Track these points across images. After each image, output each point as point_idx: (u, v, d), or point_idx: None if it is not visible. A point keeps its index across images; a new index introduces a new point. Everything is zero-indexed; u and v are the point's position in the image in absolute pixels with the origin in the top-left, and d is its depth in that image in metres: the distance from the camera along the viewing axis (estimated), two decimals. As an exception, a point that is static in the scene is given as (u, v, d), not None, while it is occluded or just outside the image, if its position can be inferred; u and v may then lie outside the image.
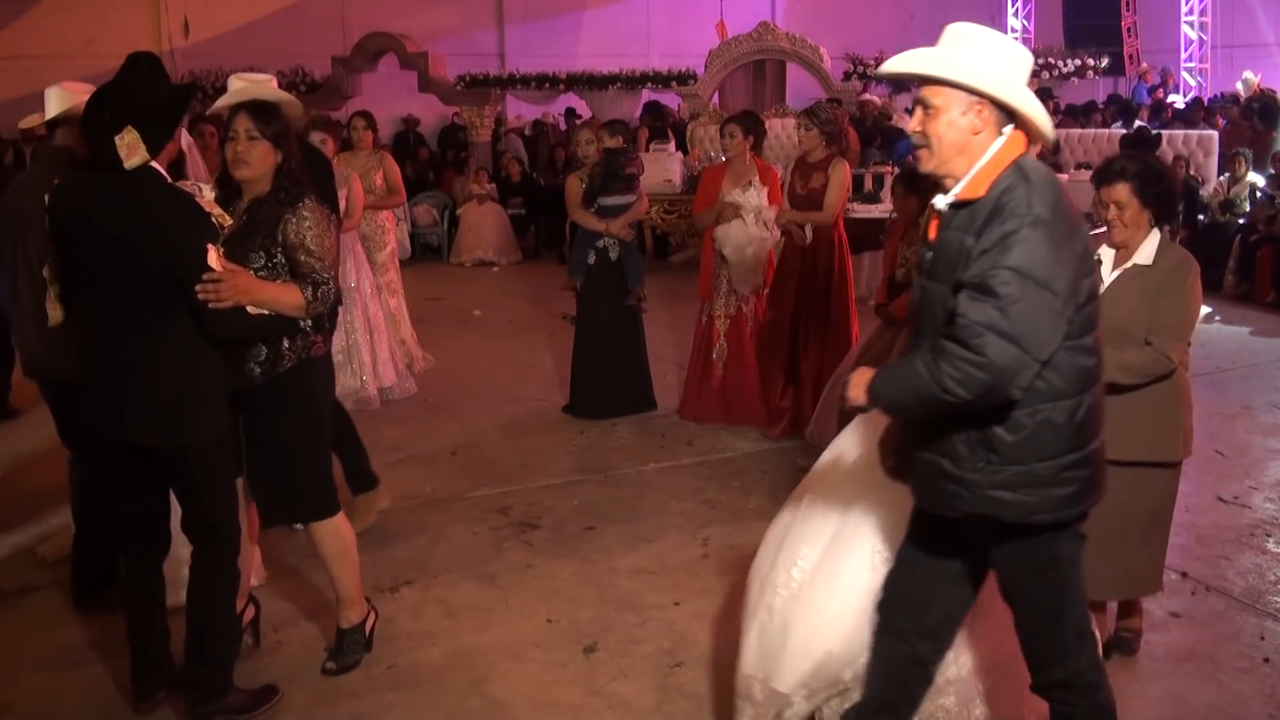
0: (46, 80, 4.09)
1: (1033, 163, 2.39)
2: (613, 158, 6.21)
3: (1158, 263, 3.27)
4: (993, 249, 2.25)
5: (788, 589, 2.99)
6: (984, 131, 2.37)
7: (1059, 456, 2.37)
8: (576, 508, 5.10)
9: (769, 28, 13.41)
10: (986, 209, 2.32)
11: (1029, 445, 2.36)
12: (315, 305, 3.22)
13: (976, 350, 2.23)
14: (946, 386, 2.26)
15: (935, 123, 2.39)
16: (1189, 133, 11.49)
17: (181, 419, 3.10)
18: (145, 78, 3.09)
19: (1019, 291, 2.21)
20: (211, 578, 3.24)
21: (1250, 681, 3.49)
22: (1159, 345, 3.20)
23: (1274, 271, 9.35)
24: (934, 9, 17.16)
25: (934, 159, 2.42)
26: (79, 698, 3.54)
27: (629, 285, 6.34)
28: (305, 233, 3.23)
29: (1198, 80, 16.13)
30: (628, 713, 3.41)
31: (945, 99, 2.37)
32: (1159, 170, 3.32)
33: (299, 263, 3.23)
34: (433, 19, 16.18)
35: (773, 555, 3.10)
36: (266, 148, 3.26)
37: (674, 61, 15.54)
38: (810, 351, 5.90)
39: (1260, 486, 5.20)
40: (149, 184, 3.06)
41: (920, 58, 2.40)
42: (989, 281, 2.23)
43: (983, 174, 2.36)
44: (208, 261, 2.99)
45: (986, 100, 2.34)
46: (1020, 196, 2.28)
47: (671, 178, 11.35)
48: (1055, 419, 2.36)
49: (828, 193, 5.74)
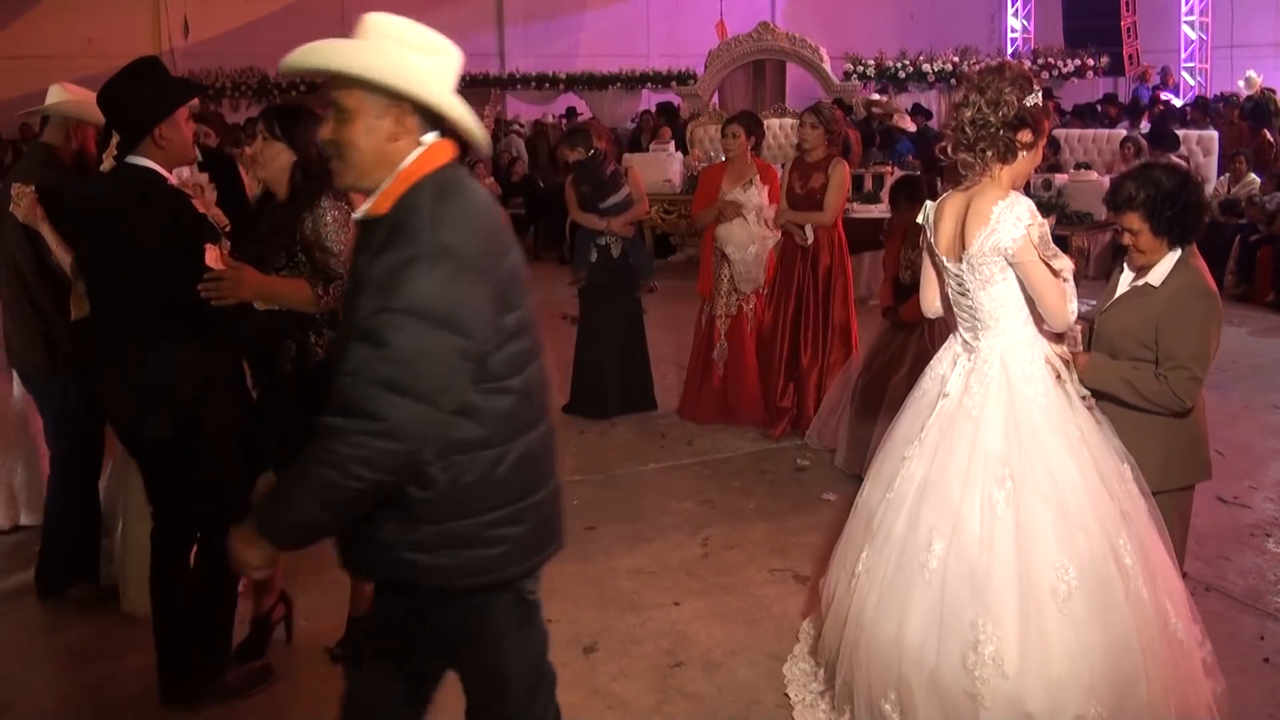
0: (46, 80, 4.12)
1: (455, 178, 2.06)
2: (586, 170, 6.19)
3: (1165, 285, 3.09)
4: (383, 282, 1.92)
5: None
6: (403, 139, 2.05)
7: (483, 514, 2.06)
8: (576, 508, 5.09)
9: (769, 28, 13.42)
10: (385, 230, 1.99)
11: (445, 502, 2.03)
12: (327, 300, 3.20)
13: (373, 415, 1.89)
14: (354, 473, 1.90)
15: (349, 129, 2.04)
16: (1189, 133, 11.49)
17: (180, 413, 3.17)
18: (120, 82, 3.14)
19: (412, 336, 1.89)
20: (207, 563, 3.31)
21: (1250, 681, 3.49)
22: (1172, 382, 3.02)
23: (1274, 271, 9.35)
24: (934, 9, 17.21)
25: (351, 172, 2.08)
26: (79, 698, 3.55)
27: (640, 278, 6.37)
28: (321, 229, 3.26)
29: (1197, 80, 16.13)
30: (628, 713, 3.41)
31: (359, 101, 2.04)
32: (1171, 192, 3.04)
33: (314, 259, 3.27)
34: (433, 19, 15.82)
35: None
36: (279, 148, 3.32)
37: (674, 61, 15.55)
38: (810, 351, 5.90)
39: (1260, 486, 5.20)
40: (146, 185, 3.12)
41: (330, 51, 2.06)
42: (377, 328, 1.90)
43: (391, 188, 2.03)
44: (205, 260, 3.04)
45: (407, 102, 2.03)
46: (423, 218, 1.95)
47: (671, 178, 11.36)
48: (475, 472, 2.03)
49: (828, 193, 5.74)
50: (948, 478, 2.95)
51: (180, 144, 3.21)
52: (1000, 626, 2.79)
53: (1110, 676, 2.79)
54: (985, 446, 2.93)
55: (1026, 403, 2.95)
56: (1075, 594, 2.79)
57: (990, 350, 3.02)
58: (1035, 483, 2.88)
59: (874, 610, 3.00)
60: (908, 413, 3.22)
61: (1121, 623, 2.82)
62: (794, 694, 3.41)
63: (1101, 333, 3.23)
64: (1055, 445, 2.92)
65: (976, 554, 2.86)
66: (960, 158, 2.98)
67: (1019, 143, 2.92)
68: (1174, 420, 3.13)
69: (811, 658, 3.52)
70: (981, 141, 2.92)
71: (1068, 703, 2.76)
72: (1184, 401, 3.06)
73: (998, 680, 2.77)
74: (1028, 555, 2.83)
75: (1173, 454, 3.17)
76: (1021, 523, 2.85)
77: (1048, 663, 2.77)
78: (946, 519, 2.92)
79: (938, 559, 2.90)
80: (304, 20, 15.86)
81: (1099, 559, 2.83)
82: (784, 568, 4.38)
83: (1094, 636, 2.79)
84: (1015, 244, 2.87)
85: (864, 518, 3.19)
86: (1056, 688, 2.76)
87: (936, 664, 2.86)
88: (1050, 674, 2.77)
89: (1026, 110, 2.91)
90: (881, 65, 14.30)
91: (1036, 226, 2.87)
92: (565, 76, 15.53)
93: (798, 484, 5.38)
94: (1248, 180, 10.36)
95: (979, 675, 2.78)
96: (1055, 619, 2.79)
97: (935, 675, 2.86)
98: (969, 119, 2.93)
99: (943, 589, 2.88)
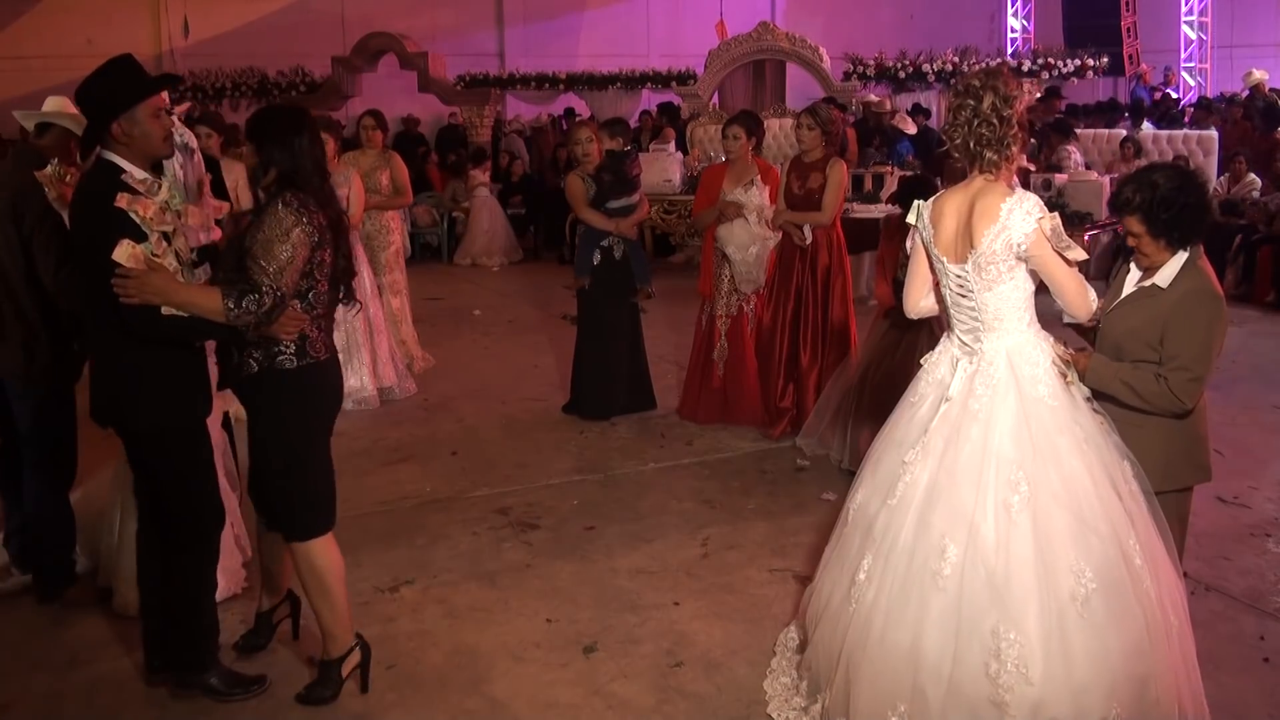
0: (46, 80, 4.14)
1: None
2: (617, 161, 6.21)
3: (1172, 287, 3.07)
4: None
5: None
6: None
7: None
8: (576, 508, 5.10)
9: (769, 28, 13.42)
10: None
11: None
12: (237, 314, 3.06)
13: None
14: None
15: None
16: (1189, 133, 11.49)
17: (125, 405, 3.24)
18: (86, 80, 3.21)
19: None
20: (176, 558, 3.37)
21: (1250, 681, 3.49)
22: (1173, 383, 3.01)
23: (1274, 271, 9.36)
24: (934, 9, 17.21)
25: None
26: (79, 698, 3.54)
27: (637, 284, 6.36)
28: (256, 236, 3.15)
29: (1197, 80, 16.13)
30: (628, 713, 3.41)
31: None
32: (1168, 194, 3.03)
33: (245, 267, 3.15)
34: (433, 19, 16.19)
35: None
36: (247, 151, 3.35)
37: (674, 61, 15.53)
38: (809, 352, 5.90)
39: (1260, 486, 5.20)
40: (87, 180, 3.24)
41: None
42: None
43: None
44: (114, 257, 3.01)
45: None
46: None
47: (671, 178, 11.36)
48: None
49: (826, 193, 5.75)
50: (958, 482, 2.92)
51: (142, 139, 3.19)
52: (1023, 633, 2.76)
53: (1128, 678, 2.78)
54: (996, 449, 2.90)
55: (1035, 404, 2.93)
56: (1093, 597, 2.78)
57: (995, 351, 3.00)
58: (1050, 486, 2.85)
59: (883, 619, 2.94)
60: (904, 416, 3.17)
61: (1135, 624, 2.81)
62: (776, 713, 3.32)
63: (1107, 333, 3.21)
64: (1065, 447, 2.90)
65: (994, 559, 2.82)
66: (963, 165, 3.01)
67: (1017, 143, 2.94)
68: (1173, 422, 3.12)
69: (794, 670, 3.46)
70: (982, 140, 2.93)
71: (1092, 707, 2.75)
72: (1184, 403, 3.05)
73: (1023, 687, 2.74)
74: (1046, 559, 2.80)
75: (1172, 455, 3.16)
76: (1038, 526, 2.82)
77: (1071, 667, 2.76)
78: (960, 524, 2.88)
79: (952, 565, 2.85)
80: (304, 20, 15.92)
81: (1112, 561, 2.82)
82: (784, 568, 4.38)
83: (1112, 639, 2.78)
84: (1027, 239, 2.87)
85: (862, 524, 3.13)
86: (1081, 692, 2.75)
87: (956, 672, 2.82)
88: (1074, 679, 2.75)
89: (1023, 115, 2.95)
90: (881, 65, 14.29)
91: (1047, 219, 2.87)
92: (565, 76, 15.50)
93: (798, 484, 5.38)
94: (1248, 180, 10.36)
95: (1003, 683, 2.75)
96: (1076, 623, 2.77)
97: (955, 684, 2.82)
98: (965, 120, 2.95)
99: (960, 596, 2.84)
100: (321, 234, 3.21)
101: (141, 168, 3.20)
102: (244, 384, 3.30)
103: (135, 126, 3.16)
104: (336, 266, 3.32)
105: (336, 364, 3.42)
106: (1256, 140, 11.88)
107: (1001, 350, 3.00)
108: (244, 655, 3.71)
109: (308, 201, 3.19)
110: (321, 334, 3.32)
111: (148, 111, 3.19)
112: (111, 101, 3.15)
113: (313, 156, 3.28)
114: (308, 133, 3.29)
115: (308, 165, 3.26)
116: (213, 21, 15.51)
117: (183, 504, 3.34)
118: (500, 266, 12.52)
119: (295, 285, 3.18)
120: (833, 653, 3.12)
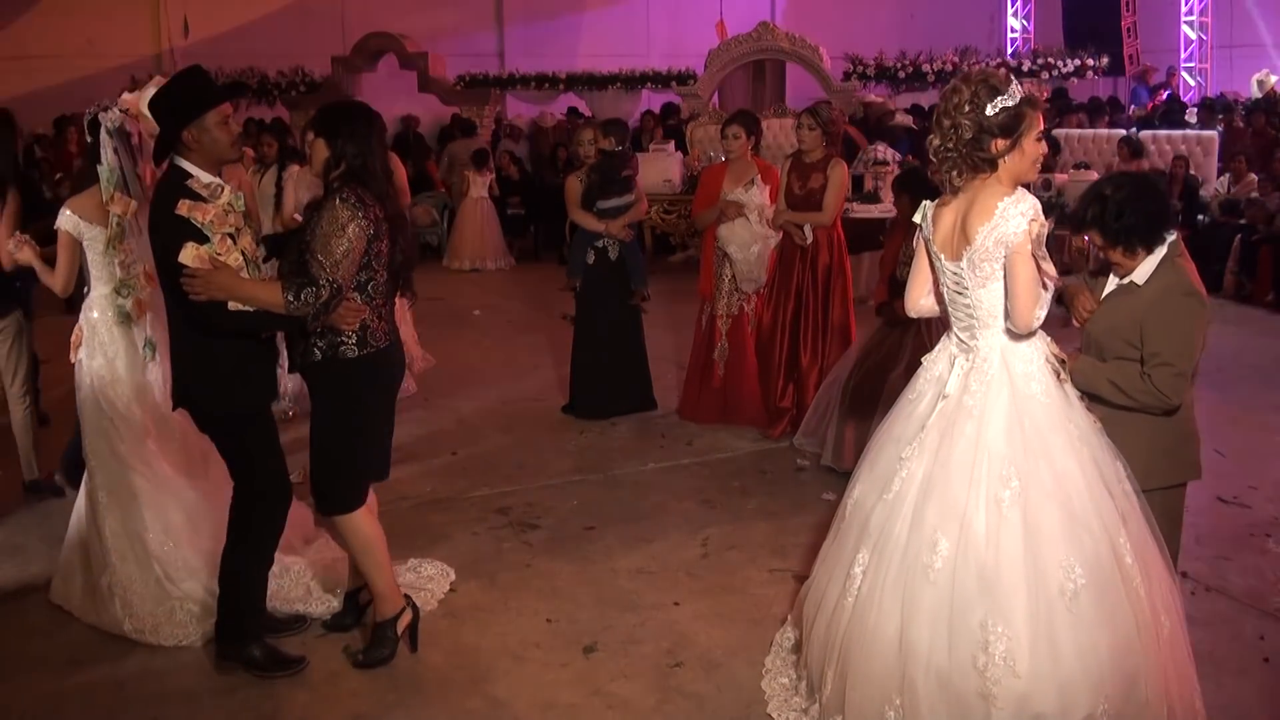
0: (46, 80, 4.16)
1: None
2: (608, 161, 6.20)
3: (1149, 284, 3.14)
4: None
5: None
6: None
7: None
8: (576, 508, 5.10)
9: (769, 28, 13.40)
10: None
11: None
12: (295, 306, 3.25)
13: None
14: None
15: None
16: (1189, 133, 11.48)
17: (195, 391, 3.50)
18: (159, 91, 3.49)
19: None
20: (240, 528, 3.56)
21: (1250, 681, 3.49)
22: (1157, 380, 3.06)
23: (1274, 271, 9.35)
24: (934, 9, 17.19)
25: None
26: (79, 698, 3.55)
27: (632, 285, 6.34)
28: (315, 231, 3.33)
29: (1197, 80, 16.12)
30: (627, 713, 3.41)
31: None
32: (1118, 204, 3.11)
33: (304, 260, 3.33)
34: (433, 19, 16.16)
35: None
36: (320, 144, 3.46)
37: (674, 61, 15.51)
38: (809, 351, 5.90)
39: (1260, 486, 5.20)
40: (158, 190, 3.43)
41: None
42: None
43: None
44: (179, 259, 3.24)
45: None
46: None
47: (671, 178, 11.35)
48: None
49: (827, 193, 5.75)
50: (951, 477, 2.94)
51: (210, 145, 3.41)
52: (1010, 626, 2.79)
53: (1116, 675, 2.79)
54: (988, 445, 2.92)
55: (1028, 401, 2.95)
56: (1082, 593, 2.79)
57: (990, 349, 3.02)
58: (1041, 482, 2.88)
59: (877, 612, 2.97)
60: (901, 414, 3.19)
61: (1125, 621, 2.82)
62: (776, 713, 3.34)
63: (1089, 331, 3.26)
64: (1058, 445, 2.92)
65: (984, 553, 2.85)
66: (939, 178, 3.03)
67: (992, 152, 2.91)
68: (1159, 419, 3.15)
69: (792, 670, 3.47)
70: (946, 164, 2.96)
71: (1079, 702, 2.77)
72: (1169, 399, 3.08)
73: (1009, 680, 2.77)
74: (1036, 554, 2.82)
75: (1158, 452, 3.18)
76: (1028, 522, 2.85)
77: (1058, 662, 2.77)
78: (952, 518, 2.91)
79: (943, 559, 2.88)
80: (304, 20, 15.90)
81: (1103, 558, 2.84)
82: (784, 568, 4.38)
83: (1101, 635, 2.80)
84: (1017, 236, 2.87)
85: (858, 520, 3.15)
86: (1068, 687, 2.77)
87: (944, 664, 2.85)
88: (1061, 674, 2.77)
89: (990, 120, 2.88)
90: (881, 65, 14.28)
91: (1038, 224, 2.88)
92: (565, 76, 15.49)
93: (798, 484, 5.39)
94: (1248, 180, 10.35)
95: (990, 676, 2.78)
96: (1064, 618, 2.79)
97: (943, 676, 2.85)
98: (934, 148, 2.98)
99: (950, 589, 2.86)
100: (378, 226, 3.38)
101: (210, 172, 3.43)
102: (308, 370, 3.50)
103: (204, 134, 3.39)
104: (394, 258, 3.50)
105: (398, 347, 3.64)
106: (1268, 141, 11.80)
107: (996, 347, 3.01)
108: (329, 634, 3.87)
109: (365, 196, 3.35)
110: (383, 322, 3.52)
111: (216, 119, 3.41)
112: (182, 111, 3.36)
113: (381, 154, 3.48)
114: (378, 131, 3.50)
115: (375, 163, 3.44)
116: (213, 21, 15.47)
117: (248, 481, 3.55)
118: (490, 271, 12.41)
119: (352, 277, 3.35)
120: (828, 647, 3.14)
